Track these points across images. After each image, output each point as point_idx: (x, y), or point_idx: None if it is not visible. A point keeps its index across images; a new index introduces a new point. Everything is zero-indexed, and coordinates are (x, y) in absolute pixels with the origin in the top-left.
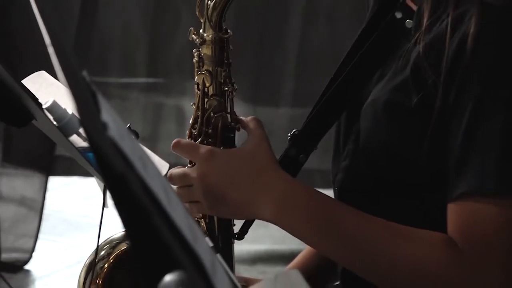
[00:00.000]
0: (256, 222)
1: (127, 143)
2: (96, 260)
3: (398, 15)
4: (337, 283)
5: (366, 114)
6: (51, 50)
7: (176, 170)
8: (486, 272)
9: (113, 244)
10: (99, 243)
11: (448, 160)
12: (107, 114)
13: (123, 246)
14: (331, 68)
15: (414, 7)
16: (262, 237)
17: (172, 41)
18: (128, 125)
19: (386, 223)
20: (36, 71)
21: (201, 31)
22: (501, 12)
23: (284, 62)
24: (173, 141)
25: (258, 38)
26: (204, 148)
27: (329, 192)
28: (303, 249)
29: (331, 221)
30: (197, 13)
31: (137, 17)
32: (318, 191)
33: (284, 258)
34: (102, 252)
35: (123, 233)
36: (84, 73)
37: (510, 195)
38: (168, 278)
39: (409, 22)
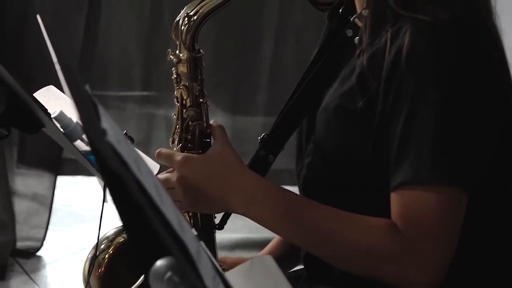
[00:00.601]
0: (234, 214)
1: (123, 147)
2: (97, 253)
3: (349, 33)
4: (302, 267)
5: (320, 118)
6: (58, 67)
7: (159, 176)
8: (424, 249)
9: (111, 238)
10: (99, 235)
11: (389, 154)
12: (106, 122)
13: (120, 239)
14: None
15: (361, 25)
16: (240, 227)
17: (162, 61)
18: (125, 131)
19: (340, 212)
20: (46, 86)
21: (177, 51)
22: (430, 27)
23: (258, 77)
24: (156, 151)
25: (235, 56)
26: (180, 156)
27: (295, 189)
28: (275, 237)
29: (292, 212)
30: (173, 36)
31: (132, 40)
32: (280, 187)
33: (258, 245)
34: (102, 246)
35: (119, 228)
36: (87, 87)
37: (442, 183)
38: (159, 263)
39: (357, 39)
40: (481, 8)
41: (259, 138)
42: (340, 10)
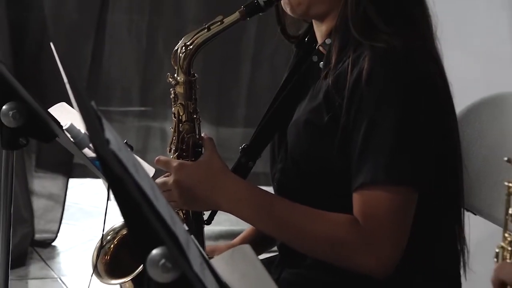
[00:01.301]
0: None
1: (124, 154)
2: (104, 243)
3: (315, 58)
4: (275, 254)
5: (291, 130)
6: (68, 87)
7: (158, 180)
8: (380, 240)
9: (116, 231)
10: (104, 229)
11: (351, 160)
12: (109, 133)
13: (123, 232)
14: (272, 98)
15: (325, 51)
16: (223, 221)
17: (157, 81)
18: (125, 141)
19: (308, 208)
20: (59, 103)
21: (175, 75)
22: (386, 53)
23: (238, 95)
24: (156, 158)
25: (219, 78)
26: (175, 162)
27: (270, 189)
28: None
29: (267, 209)
30: (172, 62)
31: (132, 64)
32: (259, 188)
33: (238, 235)
34: (108, 237)
35: (122, 222)
36: (93, 104)
37: (396, 184)
38: (155, 251)
39: (321, 64)
40: (426, 35)
41: (240, 148)
42: (306, 40)
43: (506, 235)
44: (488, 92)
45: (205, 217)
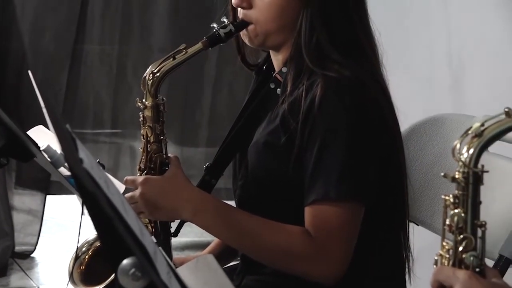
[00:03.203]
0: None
1: (96, 172)
2: (79, 254)
3: (272, 85)
4: (236, 262)
5: (251, 150)
6: (45, 111)
7: (127, 195)
8: (329, 250)
9: (90, 243)
10: (79, 241)
11: (304, 177)
12: (83, 152)
13: (97, 244)
14: (232, 121)
15: (281, 79)
16: (188, 232)
17: (127, 105)
18: (97, 160)
19: (264, 220)
20: (36, 126)
21: (143, 100)
22: (336, 82)
23: (201, 118)
24: (124, 179)
25: (183, 101)
26: (141, 178)
27: (231, 203)
28: (214, 240)
29: (227, 220)
30: (141, 87)
31: (104, 89)
32: (221, 201)
33: (203, 246)
34: (83, 248)
35: (95, 234)
36: (67, 126)
37: (345, 200)
38: (125, 261)
39: (278, 90)
40: (373, 63)
41: (204, 166)
42: (264, 67)
43: (444, 243)
44: (428, 114)
45: (172, 230)
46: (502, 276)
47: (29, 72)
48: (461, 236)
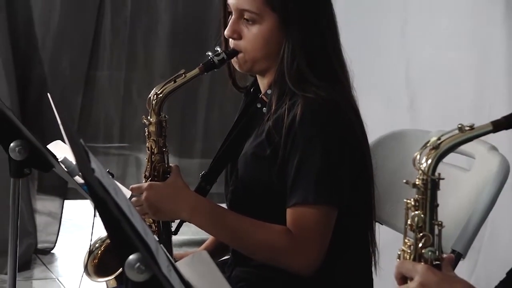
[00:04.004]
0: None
1: (106, 180)
2: (92, 249)
3: (259, 105)
4: (227, 257)
5: (241, 161)
6: (62, 128)
7: (133, 199)
8: (307, 246)
9: (102, 240)
10: (92, 239)
11: (286, 183)
12: (94, 163)
13: (108, 241)
14: (223, 136)
15: (267, 100)
16: (186, 231)
17: (133, 122)
18: (107, 169)
19: (252, 220)
20: (55, 140)
21: (148, 117)
22: (314, 102)
23: (196, 132)
24: (130, 187)
25: (181, 119)
26: (146, 184)
27: (223, 205)
28: (209, 237)
29: (220, 219)
30: (147, 106)
31: (113, 108)
32: (215, 203)
33: (199, 243)
34: (96, 245)
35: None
36: (81, 141)
37: (321, 204)
38: (131, 257)
39: (264, 109)
40: (345, 85)
41: (201, 174)
42: (252, 90)
43: (406, 240)
44: (390, 129)
45: (173, 228)
46: (453, 269)
47: (48, 94)
48: (421, 234)
